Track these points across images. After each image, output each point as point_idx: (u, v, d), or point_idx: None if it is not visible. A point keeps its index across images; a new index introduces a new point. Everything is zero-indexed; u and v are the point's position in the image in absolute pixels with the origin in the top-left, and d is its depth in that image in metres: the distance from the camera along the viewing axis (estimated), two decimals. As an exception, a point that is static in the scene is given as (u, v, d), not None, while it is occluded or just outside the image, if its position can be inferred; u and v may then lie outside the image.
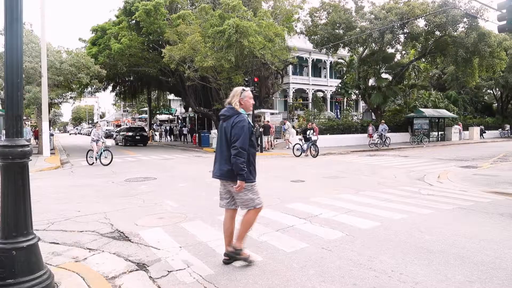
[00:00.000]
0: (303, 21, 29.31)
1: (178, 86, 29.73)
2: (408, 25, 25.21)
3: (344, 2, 28.48)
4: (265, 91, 28.85)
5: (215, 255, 4.32)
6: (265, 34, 21.38)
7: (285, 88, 39.35)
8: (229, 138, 3.96)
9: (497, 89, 45.30)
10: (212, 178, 4.29)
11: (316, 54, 39.72)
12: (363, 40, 26.31)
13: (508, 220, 5.84)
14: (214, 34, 20.74)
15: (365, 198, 7.70)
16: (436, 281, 3.55)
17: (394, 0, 27.51)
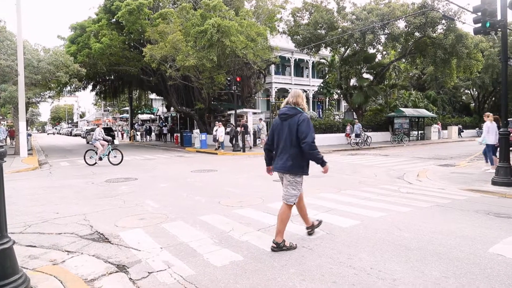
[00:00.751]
0: (286, 21, 29.46)
1: (160, 85, 29.49)
2: (388, 26, 25.61)
3: (326, 2, 28.74)
4: (248, 90, 28.86)
5: (196, 255, 4.30)
6: (247, 34, 21.39)
7: (267, 87, 39.45)
8: (295, 134, 4.36)
9: (474, 89, 46.49)
10: (274, 171, 4.77)
11: (298, 54, 39.97)
12: (345, 40, 26.60)
13: (483, 217, 6.01)
14: (196, 34, 20.65)
15: (346, 197, 7.81)
16: (413, 277, 3.63)
17: (375, 1, 27.90)
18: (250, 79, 28.94)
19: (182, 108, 29.57)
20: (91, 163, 14.73)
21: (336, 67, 32.18)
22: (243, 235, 5.04)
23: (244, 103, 28.36)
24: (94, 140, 14.92)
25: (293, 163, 4.41)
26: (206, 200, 7.54)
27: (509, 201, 7.46)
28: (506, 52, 9.46)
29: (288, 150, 4.43)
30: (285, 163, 4.45)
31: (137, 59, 26.14)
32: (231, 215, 6.20)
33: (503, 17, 9.27)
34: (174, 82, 24.85)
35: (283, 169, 4.48)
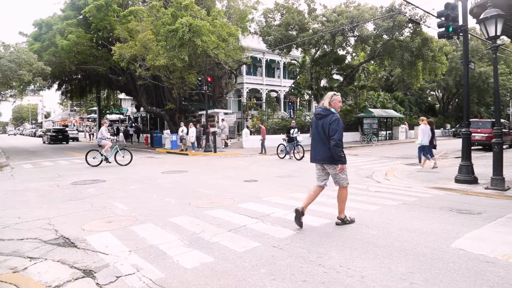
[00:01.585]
0: (257, 22, 29.56)
1: (129, 85, 28.87)
2: (358, 28, 26.18)
3: (297, 4, 29.05)
4: (219, 91, 28.74)
5: (165, 257, 4.24)
6: (219, 34, 21.30)
7: (239, 88, 39.43)
8: (326, 131, 5.21)
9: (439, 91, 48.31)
10: (311, 162, 5.67)
11: (269, 55, 40.18)
12: (315, 41, 26.98)
13: (446, 214, 6.24)
14: (167, 33, 20.36)
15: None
16: (380, 274, 3.73)
17: (345, 4, 28.46)
18: (221, 79, 28.83)
19: (152, 109, 29.08)
20: (95, 164, 14.20)
21: (307, 68, 32.57)
22: (214, 236, 5.01)
23: (216, 103, 28.22)
24: (99, 139, 14.44)
25: (330, 155, 5.28)
26: (176, 201, 7.45)
27: (470, 198, 7.78)
28: (467, 55, 9.86)
29: (324, 144, 5.30)
30: (324, 155, 5.35)
31: (105, 57, 25.47)
32: (201, 216, 6.15)
33: (464, 22, 9.66)
34: (144, 82, 24.40)
35: (324, 161, 5.42)
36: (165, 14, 21.25)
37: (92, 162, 14.28)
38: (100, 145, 14.57)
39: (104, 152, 14.26)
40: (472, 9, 12.28)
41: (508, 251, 4.32)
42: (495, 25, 8.41)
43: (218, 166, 14.17)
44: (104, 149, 14.30)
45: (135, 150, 24.33)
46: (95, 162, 14.30)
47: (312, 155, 5.58)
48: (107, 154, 14.32)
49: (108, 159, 14.37)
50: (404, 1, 23.12)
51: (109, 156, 14.40)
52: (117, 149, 14.68)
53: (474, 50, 38.77)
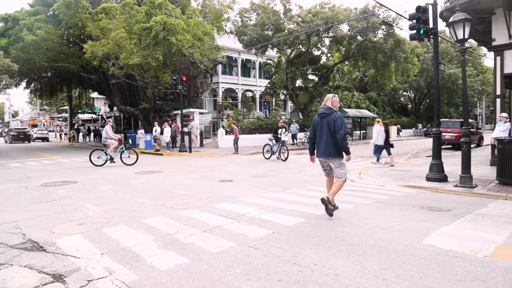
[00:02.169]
0: (233, 21, 29.50)
1: (102, 83, 28.24)
2: (332, 29, 26.53)
3: (273, 4, 29.16)
4: (194, 90, 28.51)
5: (139, 260, 4.16)
6: (194, 33, 21.11)
7: (214, 87, 39.27)
8: (332, 128, 5.86)
9: (411, 92, 49.59)
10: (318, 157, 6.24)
11: (245, 54, 40.18)
12: (291, 42, 27.16)
13: (418, 211, 6.40)
14: (141, 31, 20.01)
15: (291, 195, 7.95)
16: (354, 271, 3.78)
17: (320, 5, 28.76)
18: (196, 79, 28.61)
19: (126, 108, 28.53)
20: (99, 164, 13.82)
21: (282, 68, 32.75)
22: (189, 237, 4.96)
23: (191, 103, 27.97)
24: (105, 138, 14.11)
25: (334, 150, 5.93)
26: (150, 202, 7.33)
27: (440, 195, 8.02)
28: (438, 57, 10.15)
29: (329, 141, 5.92)
30: (328, 150, 5.96)
31: (77, 55, 24.77)
32: (176, 217, 6.08)
33: (434, 25, 9.94)
34: (118, 81, 23.92)
35: (328, 156, 5.99)
36: (139, 12, 20.88)
37: (96, 162, 13.90)
38: (105, 144, 14.31)
39: (110, 152, 14.01)
40: (442, 12, 12.63)
41: (475, 246, 4.47)
42: (463, 29, 8.69)
43: (193, 166, 14.05)
44: (110, 149, 14.05)
45: (108, 150, 23.85)
46: (99, 162, 13.96)
47: (318, 151, 6.15)
48: (113, 154, 14.09)
49: (114, 158, 14.12)
50: (377, 3, 23.57)
51: (114, 156, 14.16)
52: (122, 148, 14.46)
53: (444, 52, 39.99)
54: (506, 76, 12.10)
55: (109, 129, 14.42)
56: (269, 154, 16.62)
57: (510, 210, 6.42)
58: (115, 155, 14.19)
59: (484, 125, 53.40)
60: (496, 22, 12.35)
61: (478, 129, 27.10)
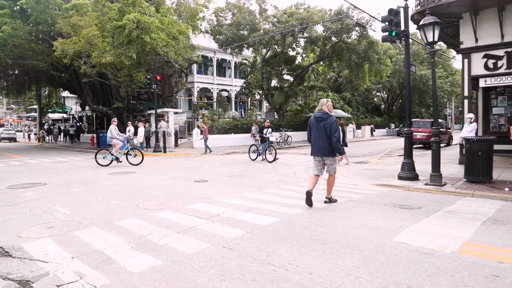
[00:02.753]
0: (208, 20, 29.34)
1: (73, 82, 27.45)
2: (307, 30, 26.78)
3: (248, 4, 29.19)
4: (169, 89, 28.20)
5: (111, 262, 4.07)
6: (169, 31, 20.87)
7: (189, 87, 38.97)
8: (328, 132, 6.60)
9: (384, 92, 50.73)
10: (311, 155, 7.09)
11: (221, 54, 40.05)
12: (266, 42, 27.23)
13: (390, 209, 6.54)
14: (113, 29, 19.61)
15: (266, 195, 7.97)
16: (328, 270, 3.82)
17: (295, 6, 28.98)
18: (171, 78, 28.31)
19: (98, 107, 27.87)
20: (105, 164, 13.60)
21: (258, 68, 32.82)
22: (163, 239, 4.89)
23: (165, 102, 27.66)
24: (110, 138, 13.87)
25: (329, 149, 6.70)
26: (123, 203, 7.19)
27: (412, 193, 8.22)
28: (409, 59, 10.42)
29: (324, 142, 6.68)
30: (323, 150, 6.74)
31: (46, 53, 23.92)
32: (150, 218, 5.98)
33: (406, 28, 10.20)
34: (90, 80, 23.32)
35: (323, 154, 6.80)
36: (112, 9, 20.45)
37: (102, 162, 13.74)
38: (111, 144, 14.10)
39: (114, 152, 13.80)
40: (413, 15, 12.97)
41: (443, 242, 4.61)
42: (432, 32, 8.95)
43: (168, 167, 13.88)
44: (115, 149, 13.84)
45: (80, 151, 23.30)
46: (105, 162, 13.76)
47: (314, 150, 6.90)
48: (118, 154, 13.90)
49: (119, 158, 13.94)
50: (351, 5, 23.96)
51: (120, 156, 13.98)
52: (128, 148, 14.22)
53: (415, 54, 41.08)
54: (473, 78, 12.54)
55: (114, 129, 14.26)
56: (256, 155, 16.12)
57: (477, 207, 6.66)
58: (121, 154, 14.07)
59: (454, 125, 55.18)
60: (463, 26, 12.78)
61: (447, 129, 28.00)
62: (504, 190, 7.97)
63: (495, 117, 13.70)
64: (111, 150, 14.01)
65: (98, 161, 13.80)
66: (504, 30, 11.76)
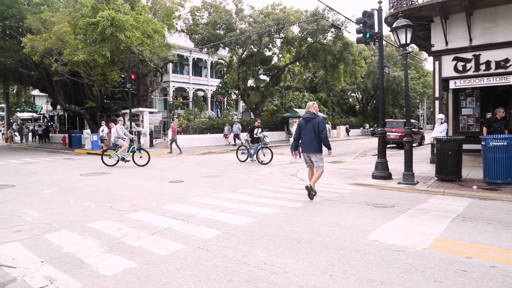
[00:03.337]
0: (184, 19, 29.10)
1: (44, 80, 26.58)
2: (283, 30, 26.94)
3: (225, 3, 29.11)
4: (144, 89, 27.76)
5: (83, 266, 3.97)
6: (144, 30, 20.53)
7: (165, 86, 38.53)
8: (317, 130, 7.32)
9: (358, 93, 51.64)
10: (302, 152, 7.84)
11: (197, 53, 39.79)
12: (243, 41, 27.24)
13: (364, 208, 6.66)
14: (86, 26, 19.11)
15: (242, 195, 7.97)
16: (303, 268, 3.85)
17: (271, 6, 29.10)
18: (146, 77, 27.89)
19: (70, 107, 27.11)
20: (111, 164, 13.43)
21: (234, 67, 32.78)
22: (137, 240, 4.81)
23: (140, 102, 27.21)
24: (116, 138, 13.58)
25: (316, 146, 7.40)
26: (96, 205, 7.03)
27: (385, 192, 8.40)
28: (382, 60, 10.64)
29: (313, 140, 7.38)
30: (311, 147, 7.43)
31: (14, 49, 23.03)
32: (124, 220, 5.87)
33: (379, 30, 10.41)
34: (61, 78, 22.64)
35: (311, 151, 7.48)
36: (85, 5, 19.93)
37: (108, 161, 13.52)
38: (117, 144, 13.82)
39: (121, 152, 13.53)
40: (386, 18, 13.26)
41: (415, 240, 4.73)
42: (405, 34, 9.17)
43: (143, 167, 13.66)
44: (121, 149, 13.57)
45: (51, 152, 22.64)
46: (111, 161, 13.53)
47: (303, 148, 7.64)
48: (124, 154, 13.63)
49: (126, 158, 13.68)
50: (327, 7, 24.25)
51: (126, 156, 13.71)
52: (134, 148, 13.94)
53: (389, 56, 41.98)
54: (443, 79, 12.92)
55: (120, 129, 13.99)
56: (245, 156, 15.31)
57: (447, 205, 6.86)
58: (127, 154, 13.84)
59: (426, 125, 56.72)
60: (435, 29, 13.15)
61: (420, 129, 28.75)
62: (472, 188, 8.25)
63: (464, 118, 14.19)
64: (117, 150, 13.82)
65: (105, 161, 13.63)
66: (472, 34, 12.19)
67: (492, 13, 11.93)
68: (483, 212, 6.25)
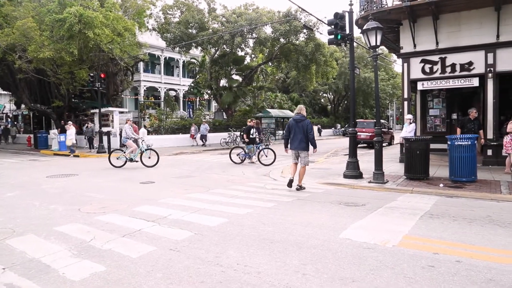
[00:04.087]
0: (156, 18, 28.62)
1: (7, 78, 25.41)
2: (256, 30, 26.96)
3: (197, 2, 28.86)
4: (114, 88, 27.09)
5: (49, 271, 3.81)
6: (114, 28, 20.01)
7: (136, 86, 37.85)
8: (305, 130, 8.32)
9: (330, 93, 52.38)
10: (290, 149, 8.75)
11: (168, 52, 39.26)
12: (215, 41, 27.09)
13: (336, 207, 6.74)
14: (53, 22, 18.43)
15: (214, 196, 7.91)
16: (276, 268, 3.85)
17: (244, 6, 29.07)
18: (116, 76, 27.23)
19: (36, 106, 26.09)
20: (119, 165, 13.17)
21: (206, 67, 32.56)
22: (106, 243, 4.67)
23: (110, 101, 26.54)
24: (125, 138, 13.17)
25: (304, 145, 8.41)
26: (63, 208, 6.79)
27: (356, 191, 8.54)
28: (353, 62, 10.82)
29: (301, 139, 8.36)
30: (300, 145, 8.42)
31: (-28, 45, 21.99)
32: (93, 222, 5.70)
33: (350, 31, 10.57)
34: (26, 76, 21.78)
35: (299, 149, 8.47)
36: (51, 0, 19.24)
37: (116, 163, 13.21)
38: (125, 145, 13.46)
39: (130, 153, 13.19)
40: (357, 20, 13.50)
41: (385, 237, 4.83)
42: (375, 36, 9.36)
43: (112, 168, 13.32)
44: (131, 149, 13.22)
45: (15, 152, 21.76)
46: (119, 163, 13.20)
47: (292, 145, 8.55)
48: (133, 154, 13.26)
49: (134, 159, 13.30)
50: (299, 8, 24.47)
51: (135, 156, 13.32)
52: (142, 149, 13.55)
53: (360, 57, 42.81)
54: (412, 81, 13.28)
55: (129, 128, 13.61)
56: (242, 158, 14.53)
57: (415, 203, 7.06)
58: (135, 155, 13.46)
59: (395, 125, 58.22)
60: (403, 32, 13.50)
61: (389, 129, 29.45)
62: (439, 186, 8.52)
63: (432, 118, 14.64)
64: (125, 151, 13.51)
65: (112, 162, 13.29)
66: (439, 37, 12.59)
67: (456, 18, 12.38)
68: (449, 209, 6.46)
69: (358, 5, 13.87)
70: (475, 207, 6.68)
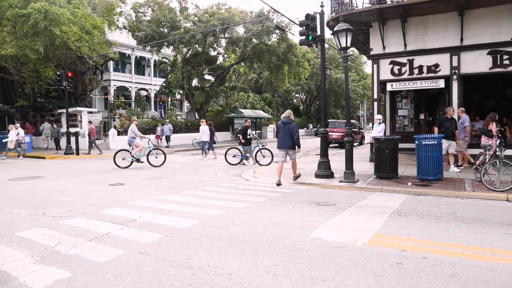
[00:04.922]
0: (126, 16, 28.08)
1: (-35, 75, 24.33)
2: (228, 30, 26.89)
3: (169, 0, 28.48)
4: (82, 87, 26.36)
5: (9, 280, 3.63)
6: (82, 25, 19.42)
7: (105, 85, 36.97)
8: (291, 132, 9.29)
9: (302, 94, 52.90)
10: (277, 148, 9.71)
11: (139, 51, 38.59)
12: (187, 40, 26.84)
13: (307, 207, 6.79)
14: (16, 18, 17.68)
15: (186, 197, 7.81)
16: (247, 269, 3.83)
17: (217, 6, 28.94)
18: (85, 75, 26.51)
19: (-3, 105, 25.04)
20: (124, 166, 12.94)
21: (178, 67, 32.20)
22: (72, 248, 4.51)
23: (78, 101, 25.81)
24: (131, 139, 12.81)
25: (291, 144, 9.36)
26: (27, 212, 6.51)
27: (327, 190, 8.64)
28: (324, 63, 10.94)
29: (288, 139, 9.34)
30: (287, 144, 9.38)
31: None
32: (58, 227, 5.49)
33: (321, 33, 10.69)
34: (-14, 74, 20.91)
35: (287, 148, 9.45)
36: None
37: (121, 163, 12.96)
38: (131, 145, 13.10)
39: (136, 153, 12.86)
40: (328, 21, 13.67)
41: (355, 236, 4.89)
42: (345, 38, 9.49)
43: (80, 170, 12.94)
44: (137, 149, 12.90)
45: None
46: (124, 163, 12.95)
47: (280, 144, 9.55)
48: (139, 154, 12.94)
49: (140, 159, 13.00)
50: (272, 8, 24.57)
51: (141, 157, 13.01)
52: (149, 149, 13.21)
53: (331, 58, 43.40)
54: (381, 82, 13.59)
55: (135, 128, 13.27)
56: (238, 160, 14.21)
57: (384, 201, 7.20)
58: (142, 155, 13.14)
59: (366, 125, 59.40)
60: (373, 34, 13.79)
61: (360, 129, 30.03)
62: (407, 185, 8.75)
63: (400, 118, 15.02)
64: (131, 151, 13.14)
65: (117, 162, 12.92)
66: (407, 40, 12.94)
67: (423, 21, 12.75)
68: (416, 207, 6.63)
69: (329, 6, 14.05)
70: (441, 204, 6.89)
